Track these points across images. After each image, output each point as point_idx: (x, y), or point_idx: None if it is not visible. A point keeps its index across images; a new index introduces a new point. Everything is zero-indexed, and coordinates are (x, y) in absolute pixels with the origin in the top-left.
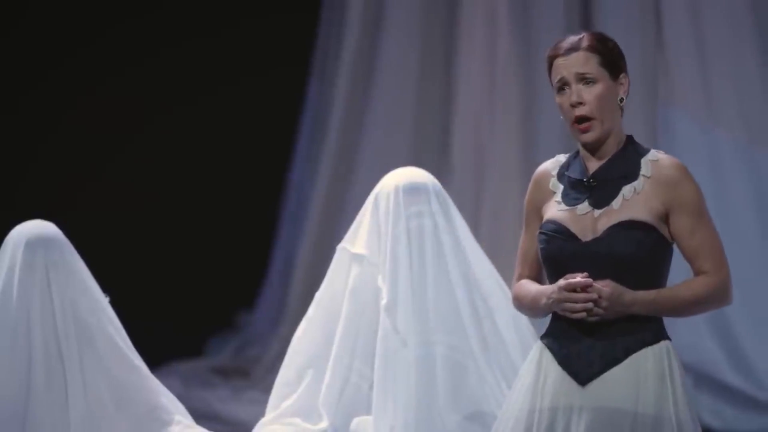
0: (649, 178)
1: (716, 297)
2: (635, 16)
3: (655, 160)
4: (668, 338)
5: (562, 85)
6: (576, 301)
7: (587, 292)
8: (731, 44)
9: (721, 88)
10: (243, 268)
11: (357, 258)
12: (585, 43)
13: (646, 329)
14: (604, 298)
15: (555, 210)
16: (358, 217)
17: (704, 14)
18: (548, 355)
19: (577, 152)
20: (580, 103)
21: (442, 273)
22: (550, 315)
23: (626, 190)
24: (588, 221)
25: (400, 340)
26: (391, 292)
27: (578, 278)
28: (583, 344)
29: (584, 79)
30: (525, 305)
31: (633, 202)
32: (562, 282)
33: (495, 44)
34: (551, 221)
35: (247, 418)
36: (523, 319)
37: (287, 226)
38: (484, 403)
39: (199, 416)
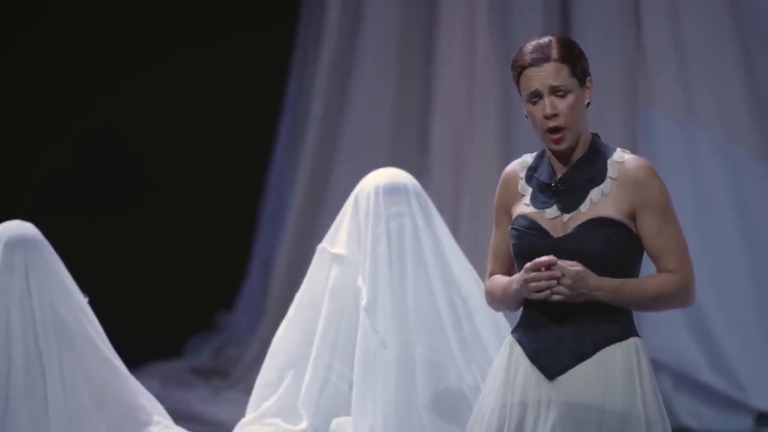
0: (615, 179)
1: (679, 296)
2: (615, 17)
3: (620, 161)
4: (638, 335)
5: (535, 96)
6: (539, 280)
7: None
8: (710, 45)
9: (700, 89)
10: (222, 268)
11: (337, 258)
12: (555, 54)
13: (615, 325)
14: (568, 276)
15: (524, 211)
16: (338, 218)
17: (683, 15)
18: (518, 349)
19: (543, 152)
20: (555, 115)
21: (422, 274)
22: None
23: (594, 193)
24: (558, 223)
25: (380, 340)
26: (370, 292)
27: (543, 258)
28: (553, 339)
29: (557, 91)
30: (497, 298)
31: (600, 204)
32: (528, 264)
33: (474, 46)
34: (523, 216)
35: (227, 419)
36: (502, 320)
37: (267, 227)
38: (463, 403)
39: (178, 417)
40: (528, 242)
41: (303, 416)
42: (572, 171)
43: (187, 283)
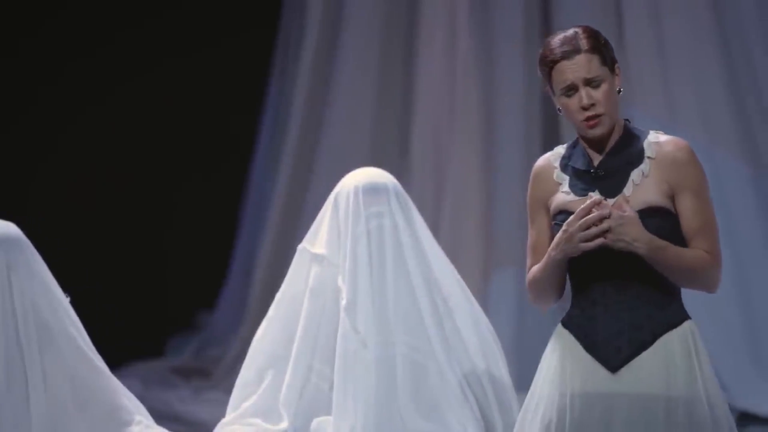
0: (654, 159)
1: (710, 277)
2: (596, 17)
3: (657, 141)
4: (690, 318)
5: (570, 89)
6: (587, 224)
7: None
8: (692, 46)
9: (681, 89)
10: (203, 268)
11: (317, 258)
12: (585, 45)
13: (669, 311)
14: (613, 217)
15: (565, 200)
16: (318, 218)
17: (664, 16)
18: (572, 341)
19: (575, 142)
20: (592, 105)
21: (402, 273)
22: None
23: (635, 174)
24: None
25: (360, 340)
26: (350, 292)
27: (589, 202)
28: (610, 330)
29: (592, 82)
30: (539, 284)
31: (644, 186)
32: (571, 217)
33: (455, 45)
34: (565, 211)
35: (207, 419)
36: (483, 320)
37: (247, 227)
38: (444, 403)
39: (159, 417)
40: None
41: (283, 416)
42: (610, 156)
43: (168, 283)
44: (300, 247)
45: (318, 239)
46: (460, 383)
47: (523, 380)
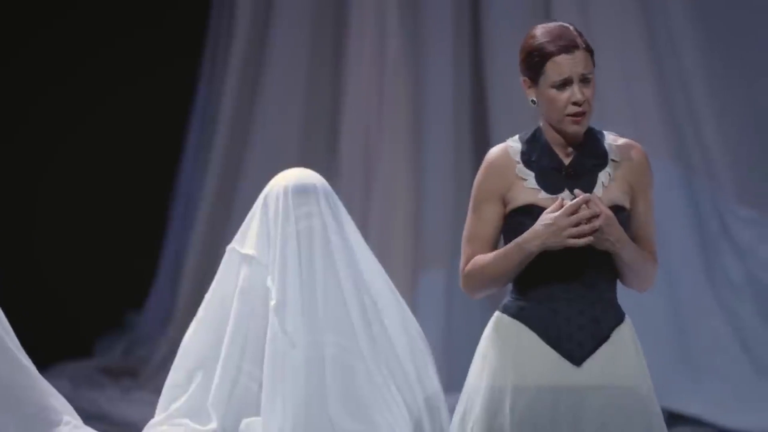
0: (617, 162)
1: (652, 276)
2: (525, 17)
3: (617, 144)
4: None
5: (564, 83)
6: (579, 221)
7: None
8: (620, 44)
9: (610, 89)
10: (132, 268)
11: (246, 259)
12: (582, 43)
13: (616, 305)
14: (602, 217)
15: (534, 196)
16: (248, 218)
17: (593, 17)
18: (527, 334)
19: (532, 137)
20: (583, 101)
21: (332, 274)
22: (510, 297)
23: (602, 176)
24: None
25: (289, 341)
26: (280, 293)
27: (579, 199)
28: (571, 324)
29: (585, 79)
30: (491, 273)
31: (610, 188)
32: (558, 211)
33: (384, 45)
34: (536, 206)
35: (136, 419)
36: (412, 321)
37: (176, 227)
38: (372, 404)
39: (87, 417)
40: None
41: (212, 417)
42: (580, 155)
43: (97, 282)
44: (229, 247)
45: (247, 240)
46: (389, 384)
47: (451, 381)
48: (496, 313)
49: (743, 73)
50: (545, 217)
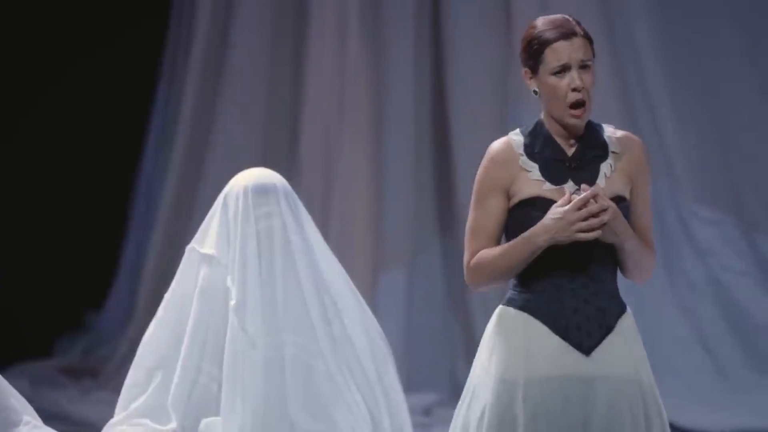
0: (618, 153)
1: (651, 267)
2: (486, 14)
3: (617, 136)
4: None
5: (563, 69)
6: (588, 215)
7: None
8: None
9: None
10: (92, 268)
11: (206, 258)
12: (580, 31)
13: (618, 299)
14: (609, 211)
15: (538, 187)
16: (208, 218)
17: (553, 10)
18: (535, 325)
19: (534, 129)
20: (582, 88)
21: (291, 274)
22: (514, 290)
23: (604, 167)
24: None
25: (249, 340)
26: (239, 292)
27: (588, 192)
28: (579, 315)
29: (584, 66)
30: (499, 266)
31: (613, 179)
32: (567, 205)
33: (345, 45)
34: (541, 198)
35: (96, 419)
36: (372, 321)
37: (136, 227)
38: (332, 404)
39: (47, 417)
40: None
41: (172, 416)
42: (582, 146)
43: (57, 282)
44: (189, 247)
45: (207, 240)
46: (349, 384)
47: (411, 381)
48: (500, 307)
49: (702, 74)
50: (554, 211)
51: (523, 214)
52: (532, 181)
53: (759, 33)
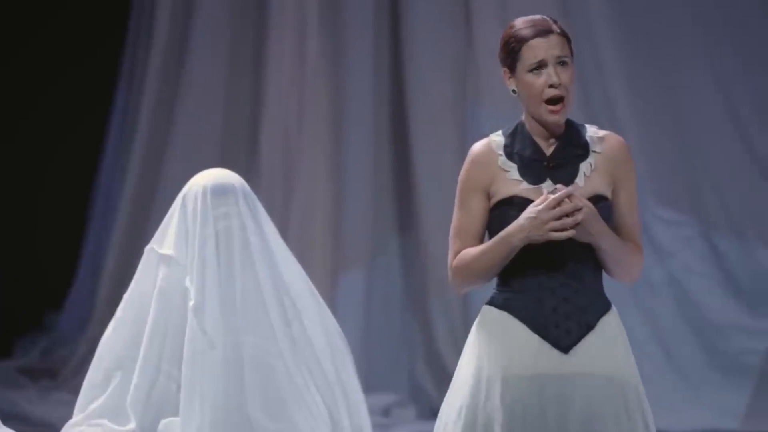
0: (600, 153)
1: (638, 266)
2: (445, 14)
3: (600, 136)
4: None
5: (540, 66)
6: (561, 214)
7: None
8: None
9: None
10: (51, 268)
11: (165, 259)
12: (557, 29)
13: (603, 295)
14: (584, 210)
15: (516, 187)
16: (166, 219)
17: (512, 10)
18: (514, 323)
19: (514, 130)
20: (560, 84)
21: (250, 274)
22: (496, 289)
23: (584, 167)
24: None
25: (208, 341)
26: (198, 293)
27: (563, 192)
28: (558, 313)
29: (561, 62)
30: (479, 267)
31: (593, 178)
32: (540, 205)
33: (304, 45)
34: (518, 197)
35: (54, 420)
36: (331, 321)
37: (96, 228)
38: (292, 404)
39: (6, 417)
40: None
41: (131, 417)
42: (561, 147)
43: (16, 282)
44: (148, 248)
45: (166, 240)
46: (308, 384)
47: (370, 381)
48: (484, 306)
49: (662, 75)
50: (529, 211)
51: (502, 213)
52: (510, 181)
53: (719, 33)
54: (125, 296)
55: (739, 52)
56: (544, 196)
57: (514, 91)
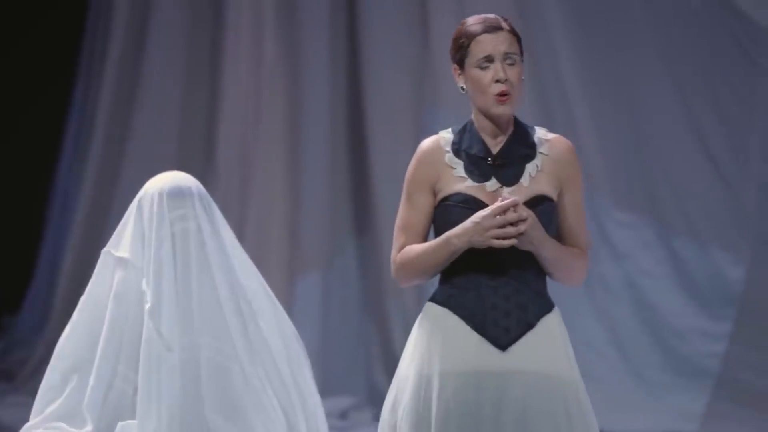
0: (547, 155)
1: (583, 270)
2: (402, 16)
3: (548, 139)
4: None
5: (487, 61)
6: (505, 223)
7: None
8: None
9: None
10: (8, 271)
11: (121, 262)
12: (507, 26)
13: (545, 295)
14: (528, 220)
15: (461, 184)
16: (123, 221)
17: (469, 12)
18: (454, 320)
19: (464, 128)
20: (506, 80)
21: (207, 277)
22: (439, 286)
23: (530, 167)
24: (498, 197)
25: (164, 343)
26: (154, 296)
27: (508, 201)
28: (497, 311)
29: (509, 59)
30: (422, 264)
31: (538, 179)
32: (485, 211)
33: (261, 48)
34: (461, 194)
35: (11, 422)
36: (288, 324)
37: (53, 230)
38: (249, 407)
39: None
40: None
41: (87, 420)
42: (508, 145)
43: None
44: (104, 250)
45: (122, 243)
46: (265, 387)
47: (327, 384)
48: (426, 303)
49: (619, 77)
50: (475, 215)
51: (445, 210)
52: (456, 178)
53: (674, 35)
54: (82, 299)
55: (696, 57)
56: (497, 204)
57: (462, 88)
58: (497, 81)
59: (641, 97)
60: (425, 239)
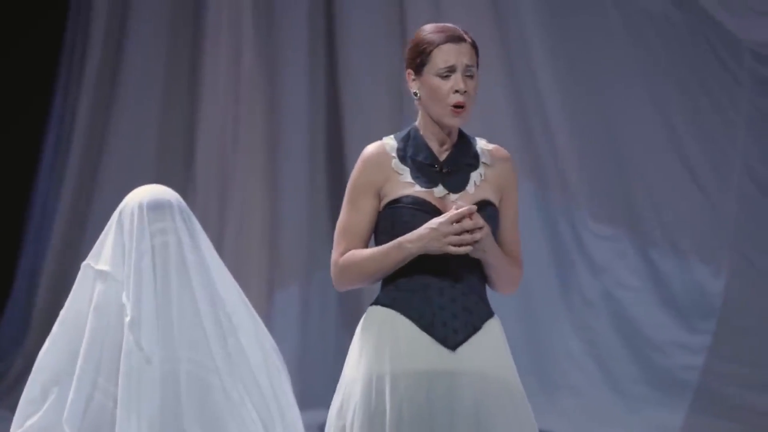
0: (489, 165)
1: (518, 279)
2: (380, 23)
3: (489, 149)
4: None
5: (449, 71)
6: (461, 230)
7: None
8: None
9: None
10: None
11: (101, 275)
12: (468, 39)
13: (486, 303)
14: (483, 230)
15: (409, 189)
16: (103, 234)
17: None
18: (402, 321)
19: (408, 135)
20: (465, 92)
21: (187, 290)
22: (384, 289)
23: (475, 176)
24: (447, 202)
25: (144, 357)
26: (134, 309)
27: (465, 209)
28: (445, 312)
29: (468, 71)
30: (367, 267)
31: (482, 187)
32: (442, 218)
33: (239, 58)
34: (412, 196)
35: None
36: (267, 337)
37: (31, 243)
38: (228, 420)
39: None
40: (422, 220)
41: None
42: (454, 153)
43: None
44: (84, 263)
45: (102, 256)
46: (244, 400)
47: (306, 397)
48: (369, 307)
49: (596, 88)
50: (431, 222)
51: (393, 212)
52: (403, 183)
53: (653, 47)
54: (62, 312)
55: (675, 68)
56: (453, 212)
57: (415, 93)
58: (456, 92)
59: (619, 108)
60: (367, 243)
